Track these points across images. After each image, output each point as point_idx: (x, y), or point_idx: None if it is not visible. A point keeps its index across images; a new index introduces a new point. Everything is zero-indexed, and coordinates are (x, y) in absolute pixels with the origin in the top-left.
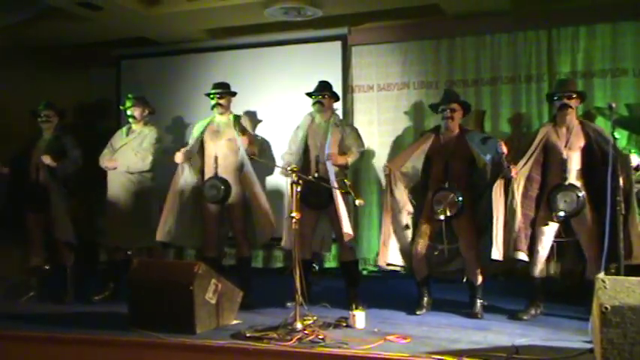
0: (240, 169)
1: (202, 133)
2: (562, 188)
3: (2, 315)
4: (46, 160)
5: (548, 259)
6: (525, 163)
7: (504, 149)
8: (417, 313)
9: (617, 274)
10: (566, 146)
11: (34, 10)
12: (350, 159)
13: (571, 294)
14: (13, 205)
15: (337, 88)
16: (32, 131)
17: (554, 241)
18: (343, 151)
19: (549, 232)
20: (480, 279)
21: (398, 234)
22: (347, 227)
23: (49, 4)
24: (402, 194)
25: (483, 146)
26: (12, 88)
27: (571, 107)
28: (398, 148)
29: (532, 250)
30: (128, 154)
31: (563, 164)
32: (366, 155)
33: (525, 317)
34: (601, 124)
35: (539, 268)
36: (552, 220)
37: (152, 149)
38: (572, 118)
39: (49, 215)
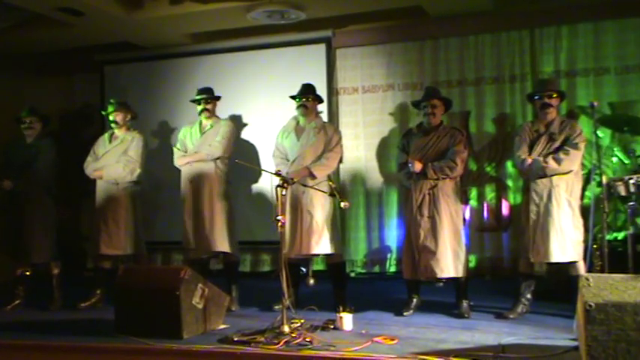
0: None
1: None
2: None
3: None
4: (7, 185)
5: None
6: None
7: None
8: (404, 314)
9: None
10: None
11: (15, 17)
12: (315, 169)
13: (557, 291)
14: None
15: (322, 91)
16: (15, 138)
17: None
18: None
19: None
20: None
21: None
22: (322, 245)
23: (31, 11)
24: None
25: None
26: None
27: (552, 106)
28: (383, 149)
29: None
30: (112, 163)
31: None
32: (351, 157)
33: (512, 316)
34: (584, 122)
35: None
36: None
37: (140, 160)
38: (553, 117)
39: (25, 232)
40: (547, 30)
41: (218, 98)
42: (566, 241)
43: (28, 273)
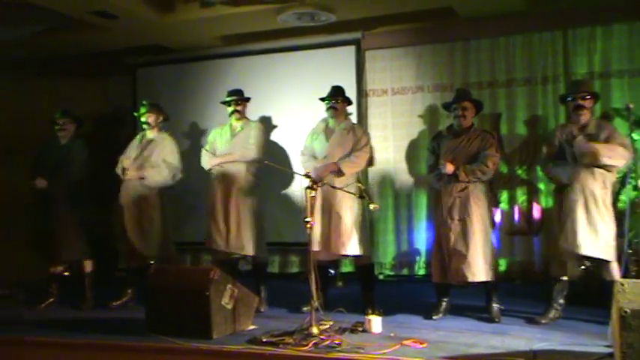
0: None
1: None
2: None
3: (22, 321)
4: (40, 184)
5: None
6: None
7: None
8: (434, 317)
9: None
10: None
11: (51, 21)
12: (343, 166)
13: (590, 296)
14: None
15: (351, 93)
16: (50, 139)
17: None
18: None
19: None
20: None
21: None
22: (350, 246)
23: (66, 15)
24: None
25: None
26: (31, 98)
27: (585, 108)
28: (412, 151)
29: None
30: (148, 165)
31: None
32: (380, 159)
33: (544, 321)
34: (619, 125)
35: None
36: None
37: (180, 165)
38: (587, 119)
39: (57, 231)
40: (580, 31)
41: (248, 100)
42: (599, 238)
43: (66, 273)
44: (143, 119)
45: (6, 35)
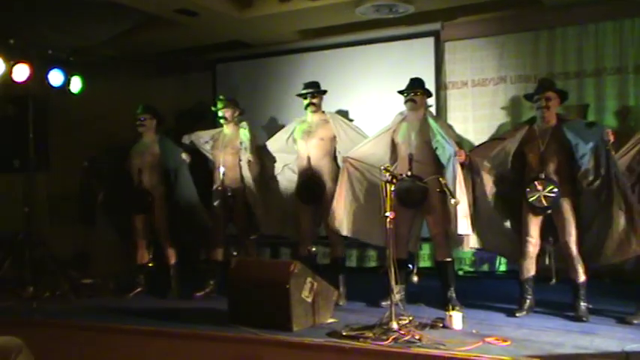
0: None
1: (292, 132)
2: None
3: (112, 309)
4: (187, 158)
5: None
6: (627, 153)
7: (611, 137)
8: (517, 315)
9: None
10: None
11: (134, 19)
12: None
13: None
14: (119, 207)
15: (430, 85)
16: (133, 136)
17: None
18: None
19: None
20: (582, 277)
21: (480, 219)
22: (463, 227)
23: (148, 13)
24: (487, 180)
25: (586, 132)
26: (116, 95)
27: None
28: None
29: None
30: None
31: None
32: None
33: (636, 321)
34: None
35: None
36: None
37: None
38: None
39: (153, 217)
40: None
41: (324, 92)
42: None
43: (150, 264)
44: (220, 114)
45: (94, 35)
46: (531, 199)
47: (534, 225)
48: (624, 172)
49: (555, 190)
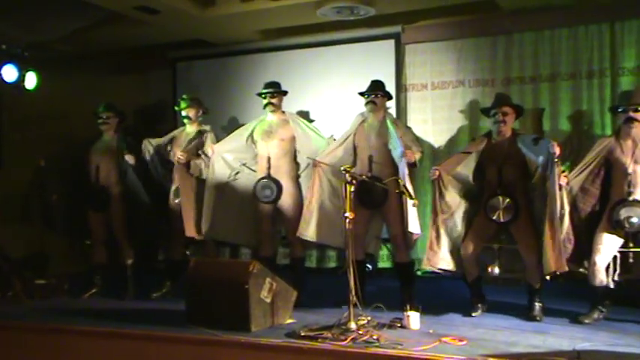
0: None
1: (252, 132)
2: (626, 204)
3: (67, 310)
4: (130, 159)
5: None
6: (580, 173)
7: (556, 150)
8: (473, 314)
9: None
10: (631, 160)
11: (93, 16)
12: (417, 156)
13: (637, 297)
14: (75, 206)
15: (390, 87)
16: (92, 134)
17: (620, 251)
18: None
19: (609, 244)
20: (538, 284)
21: (449, 237)
22: (414, 226)
23: (108, 10)
24: (453, 197)
25: (535, 148)
26: (73, 92)
27: (637, 120)
28: (453, 147)
29: (590, 261)
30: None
31: (627, 179)
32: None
33: (587, 321)
34: None
35: (598, 279)
36: (618, 235)
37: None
38: (639, 132)
39: (110, 215)
40: (629, 23)
41: (284, 93)
42: None
43: (107, 264)
44: (184, 113)
45: (51, 30)
46: (493, 217)
47: (483, 230)
48: (577, 193)
49: (512, 204)
